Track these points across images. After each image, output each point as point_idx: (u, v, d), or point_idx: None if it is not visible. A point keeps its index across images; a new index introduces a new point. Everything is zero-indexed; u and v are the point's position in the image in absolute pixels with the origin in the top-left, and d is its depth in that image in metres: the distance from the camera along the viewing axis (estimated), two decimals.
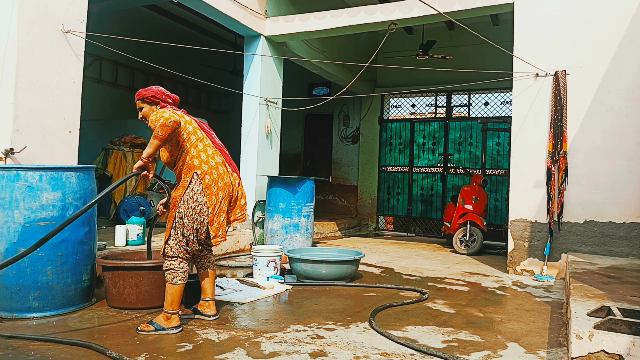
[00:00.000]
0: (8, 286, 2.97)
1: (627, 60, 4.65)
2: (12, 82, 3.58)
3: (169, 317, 2.79)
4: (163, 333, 2.74)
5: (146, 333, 2.73)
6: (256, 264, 4.29)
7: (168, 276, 2.81)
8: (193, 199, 2.80)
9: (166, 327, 2.76)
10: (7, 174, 3.01)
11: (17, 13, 3.60)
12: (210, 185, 2.83)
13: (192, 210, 2.80)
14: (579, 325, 2.26)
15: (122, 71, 8.71)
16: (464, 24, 5.23)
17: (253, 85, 6.43)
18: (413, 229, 9.52)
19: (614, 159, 4.67)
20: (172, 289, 2.80)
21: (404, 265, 5.37)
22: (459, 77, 8.02)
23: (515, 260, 5.00)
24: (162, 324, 2.77)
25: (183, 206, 2.79)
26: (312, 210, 5.98)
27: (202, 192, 2.81)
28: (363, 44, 9.00)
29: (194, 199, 2.80)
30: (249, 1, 6.08)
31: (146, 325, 2.77)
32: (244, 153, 6.48)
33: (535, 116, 4.97)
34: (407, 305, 3.56)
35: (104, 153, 6.85)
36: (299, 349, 2.55)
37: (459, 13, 5.51)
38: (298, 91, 9.51)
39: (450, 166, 9.14)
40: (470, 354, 2.55)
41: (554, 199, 4.83)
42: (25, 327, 2.80)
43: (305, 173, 10.66)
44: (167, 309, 2.79)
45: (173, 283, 2.80)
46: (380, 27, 6.09)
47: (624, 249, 4.62)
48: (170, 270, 2.82)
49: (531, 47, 5.02)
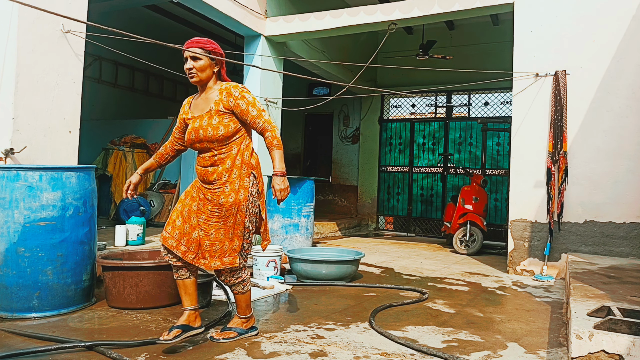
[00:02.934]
0: (8, 286, 2.97)
1: (627, 60, 4.65)
2: (12, 82, 3.58)
3: (246, 320, 2.73)
4: (246, 336, 2.69)
5: (229, 340, 2.63)
6: (256, 264, 4.29)
7: (238, 288, 2.65)
8: (253, 203, 2.61)
9: (247, 329, 2.72)
10: (7, 174, 3.01)
11: (17, 13, 3.60)
12: (262, 190, 2.70)
13: (254, 216, 2.63)
14: (579, 325, 2.26)
15: (122, 71, 8.71)
16: (464, 24, 5.23)
17: (253, 85, 6.42)
18: (413, 229, 9.52)
19: (614, 159, 4.67)
20: (246, 296, 2.69)
21: (404, 265, 5.37)
22: (459, 77, 8.02)
23: (515, 260, 5.00)
24: (243, 327, 2.71)
25: (248, 212, 2.58)
26: (312, 210, 5.98)
27: (258, 197, 2.64)
28: (363, 44, 9.00)
29: (253, 203, 2.61)
30: (249, 1, 6.08)
31: (226, 333, 2.66)
32: None
33: (535, 116, 4.97)
34: (407, 305, 3.56)
35: (104, 153, 6.85)
36: (299, 349, 2.55)
37: (459, 13, 5.51)
38: (298, 91, 9.51)
39: (450, 166, 9.13)
40: (470, 354, 2.55)
41: (554, 199, 4.83)
42: (26, 327, 2.80)
43: (305, 173, 10.66)
44: (244, 314, 2.71)
45: (245, 291, 2.68)
46: (380, 27, 6.09)
47: (624, 249, 4.62)
48: (243, 282, 2.66)
49: (531, 47, 5.02)
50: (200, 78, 2.57)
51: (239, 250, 2.57)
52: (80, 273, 3.17)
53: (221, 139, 2.53)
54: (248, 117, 2.55)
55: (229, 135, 2.54)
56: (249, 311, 2.73)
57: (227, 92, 2.55)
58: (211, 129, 2.51)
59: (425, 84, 8.91)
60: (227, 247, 2.54)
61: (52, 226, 3.02)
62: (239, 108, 2.54)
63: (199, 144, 2.56)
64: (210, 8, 5.52)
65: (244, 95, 2.57)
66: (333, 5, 6.81)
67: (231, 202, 2.52)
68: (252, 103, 2.57)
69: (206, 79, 2.59)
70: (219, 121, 2.52)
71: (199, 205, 2.58)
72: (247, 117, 2.55)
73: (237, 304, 2.70)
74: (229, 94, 2.54)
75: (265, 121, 2.57)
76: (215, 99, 2.56)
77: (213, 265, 2.53)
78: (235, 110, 2.54)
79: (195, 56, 2.54)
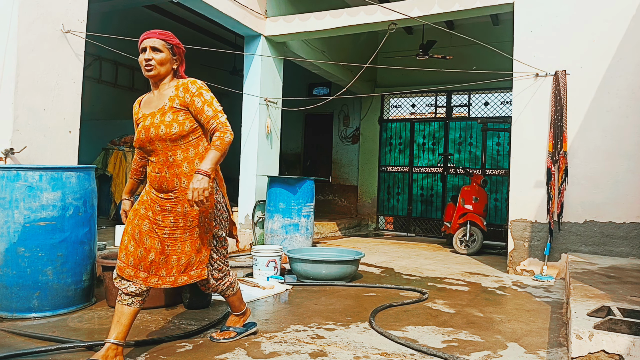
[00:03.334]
0: (8, 286, 2.97)
1: (627, 60, 4.65)
2: (12, 82, 3.58)
3: (242, 315, 2.71)
4: (245, 335, 2.69)
5: (230, 340, 2.63)
6: (256, 264, 4.29)
7: (228, 292, 2.58)
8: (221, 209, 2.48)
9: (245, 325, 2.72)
10: (7, 174, 3.01)
11: (17, 13, 3.60)
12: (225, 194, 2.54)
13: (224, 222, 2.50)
14: (579, 325, 2.26)
15: (122, 71, 8.71)
16: (464, 24, 5.23)
17: (253, 85, 6.43)
18: (413, 229, 9.52)
19: (614, 159, 4.67)
20: (237, 295, 2.65)
21: (404, 265, 5.37)
22: (459, 77, 8.02)
23: (515, 260, 5.00)
24: (240, 323, 2.70)
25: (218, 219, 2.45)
26: (312, 210, 5.98)
27: (222, 200, 2.49)
28: (363, 44, 9.01)
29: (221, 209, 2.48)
30: (249, 1, 6.08)
31: (225, 333, 2.66)
32: (244, 153, 6.48)
33: (535, 116, 4.97)
34: (407, 305, 3.56)
35: (104, 153, 6.85)
36: (299, 349, 2.55)
37: (459, 13, 5.51)
38: (298, 91, 9.51)
39: (450, 166, 9.14)
40: (470, 354, 2.55)
41: (554, 199, 4.83)
42: (26, 327, 2.80)
43: (305, 173, 10.66)
44: (238, 310, 2.68)
45: (235, 292, 2.63)
46: (380, 27, 6.09)
47: (624, 249, 4.62)
48: (231, 285, 2.58)
49: (531, 47, 5.02)
50: (159, 72, 2.36)
51: (206, 261, 2.40)
52: (80, 273, 3.17)
53: (175, 138, 2.30)
54: (202, 116, 2.32)
55: (184, 134, 2.31)
56: (243, 306, 2.71)
57: (184, 88, 2.34)
58: (164, 127, 2.28)
59: (425, 84, 8.92)
60: (195, 259, 2.37)
61: (52, 226, 3.02)
62: (194, 105, 2.32)
63: (150, 145, 2.32)
64: (210, 8, 5.52)
65: (202, 92, 2.35)
66: (333, 5, 6.82)
67: (197, 211, 2.34)
68: (208, 102, 2.33)
69: (164, 74, 2.39)
70: (173, 118, 2.30)
71: (157, 219, 2.34)
72: (202, 116, 2.32)
73: (231, 304, 2.67)
74: (185, 90, 2.33)
75: (220, 123, 2.30)
76: (170, 94, 2.35)
77: (180, 281, 2.36)
78: (190, 107, 2.32)
79: (156, 47, 2.35)
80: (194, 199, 2.16)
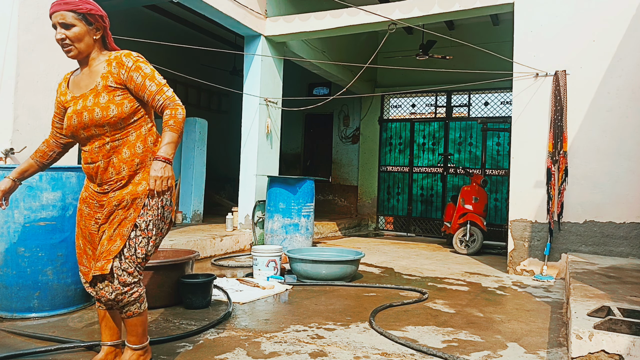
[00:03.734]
0: (8, 286, 2.97)
1: (627, 60, 4.65)
2: (12, 82, 3.58)
3: (144, 351, 2.11)
4: None
5: None
6: (256, 264, 4.29)
7: (132, 308, 2.01)
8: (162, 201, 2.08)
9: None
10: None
11: (17, 13, 3.60)
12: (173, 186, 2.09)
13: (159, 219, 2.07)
14: (579, 325, 2.26)
15: None
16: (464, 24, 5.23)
17: (253, 85, 6.43)
18: (413, 229, 9.52)
19: (614, 159, 4.68)
20: (142, 318, 2.07)
21: (404, 265, 5.37)
22: (459, 77, 8.02)
23: (515, 260, 5.00)
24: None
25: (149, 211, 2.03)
26: (312, 210, 5.98)
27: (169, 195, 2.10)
28: (363, 44, 9.01)
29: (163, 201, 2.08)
30: (249, 1, 6.09)
31: None
32: (244, 153, 6.48)
33: (535, 116, 4.98)
34: (407, 305, 3.56)
35: None
36: (299, 349, 2.55)
37: (459, 13, 5.51)
38: (298, 91, 9.51)
39: (450, 166, 9.14)
40: (470, 354, 2.55)
41: (554, 199, 4.83)
42: (26, 327, 2.80)
43: (305, 173, 10.67)
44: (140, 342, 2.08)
45: (142, 311, 2.06)
46: (380, 27, 6.09)
47: (624, 249, 4.62)
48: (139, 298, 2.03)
49: (531, 47, 5.02)
50: (79, 50, 2.01)
51: (118, 252, 1.96)
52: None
53: (114, 122, 1.99)
54: (145, 93, 2.01)
55: (124, 117, 2.00)
56: (146, 339, 2.12)
57: (118, 62, 2.02)
58: (99, 110, 1.97)
59: (425, 84, 8.92)
60: (105, 247, 1.98)
61: (52, 226, 3.02)
62: (132, 82, 2.01)
63: (85, 131, 2.01)
64: (210, 8, 5.52)
65: (140, 65, 2.03)
66: (333, 5, 6.82)
67: (125, 194, 2.01)
68: (150, 76, 2.02)
69: (86, 49, 2.03)
70: (109, 99, 1.99)
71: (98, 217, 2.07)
72: (144, 93, 2.01)
73: (130, 329, 2.05)
74: (119, 64, 2.01)
75: (167, 97, 2.01)
76: (102, 71, 2.02)
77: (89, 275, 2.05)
78: (128, 84, 2.02)
79: (66, 23, 1.97)
80: (156, 189, 1.88)
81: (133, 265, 1.99)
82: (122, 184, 2.03)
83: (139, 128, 2.07)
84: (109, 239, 1.99)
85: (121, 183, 2.03)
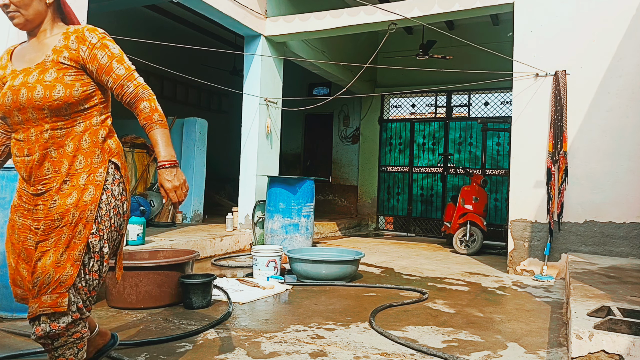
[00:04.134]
0: (8, 286, 2.96)
1: (627, 60, 4.65)
2: None
3: None
4: None
5: None
6: (256, 264, 4.29)
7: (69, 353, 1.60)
8: (114, 210, 1.69)
9: None
10: (7, 174, 3.01)
11: None
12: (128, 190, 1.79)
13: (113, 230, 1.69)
14: (579, 325, 2.26)
15: None
16: (464, 24, 5.23)
17: (253, 85, 6.43)
18: (413, 229, 9.52)
19: (614, 159, 4.68)
20: None
21: (404, 265, 5.37)
22: (459, 77, 8.02)
23: (515, 260, 5.00)
24: None
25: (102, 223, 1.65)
26: (312, 210, 5.98)
27: (123, 197, 1.74)
28: (363, 44, 9.01)
29: (115, 209, 1.69)
30: (249, 1, 6.09)
31: None
32: (244, 153, 6.49)
33: (535, 116, 4.98)
34: (407, 305, 3.56)
35: None
36: (299, 349, 2.55)
37: (459, 13, 5.51)
38: (298, 91, 9.51)
39: (450, 166, 9.14)
40: (470, 354, 2.55)
41: (554, 199, 4.83)
42: (26, 327, 2.80)
43: (305, 173, 10.67)
44: None
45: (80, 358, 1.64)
46: (380, 27, 6.09)
47: (624, 249, 4.62)
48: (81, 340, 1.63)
49: (531, 47, 5.02)
50: (27, 18, 1.66)
51: (72, 283, 1.56)
52: None
53: (57, 106, 1.61)
54: (110, 77, 1.68)
55: (71, 102, 1.63)
56: None
57: (78, 37, 1.67)
58: (42, 88, 1.60)
59: (425, 84, 8.92)
60: (52, 277, 1.54)
61: None
62: (96, 62, 1.66)
63: (20, 113, 1.62)
64: (210, 8, 5.52)
65: (106, 44, 1.69)
66: (333, 5, 6.82)
67: (69, 205, 1.60)
68: (118, 57, 1.70)
69: (36, 17, 1.68)
70: (57, 77, 1.62)
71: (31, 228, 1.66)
72: (109, 77, 1.68)
73: None
74: (81, 40, 1.67)
75: (140, 86, 1.72)
76: (55, 44, 1.67)
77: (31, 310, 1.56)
78: (89, 64, 1.66)
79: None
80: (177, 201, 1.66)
81: (84, 297, 1.63)
82: (57, 185, 1.63)
83: (90, 118, 1.70)
84: (55, 265, 1.55)
85: (57, 183, 1.63)
